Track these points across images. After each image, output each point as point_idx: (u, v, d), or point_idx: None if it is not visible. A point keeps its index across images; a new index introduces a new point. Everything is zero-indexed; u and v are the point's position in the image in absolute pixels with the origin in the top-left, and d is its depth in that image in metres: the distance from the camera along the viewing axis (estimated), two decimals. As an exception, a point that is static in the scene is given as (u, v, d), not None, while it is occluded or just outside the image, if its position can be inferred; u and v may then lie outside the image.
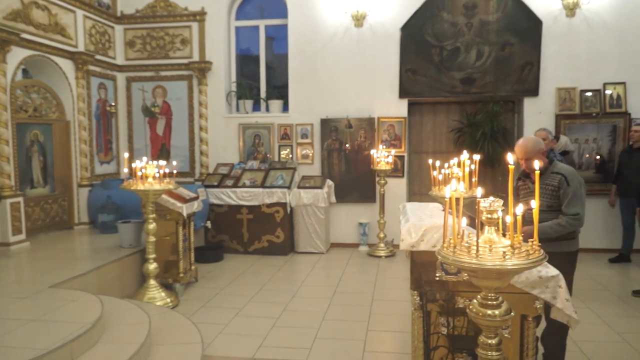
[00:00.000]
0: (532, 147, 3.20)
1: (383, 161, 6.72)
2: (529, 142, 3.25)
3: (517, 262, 1.66)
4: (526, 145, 3.23)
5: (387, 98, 7.14)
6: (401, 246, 2.57)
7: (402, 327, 4.19)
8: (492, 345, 1.79)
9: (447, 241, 1.81)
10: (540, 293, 2.42)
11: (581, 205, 3.14)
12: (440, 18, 6.89)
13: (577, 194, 3.13)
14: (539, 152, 3.17)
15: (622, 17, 6.58)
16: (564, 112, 6.78)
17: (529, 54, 6.77)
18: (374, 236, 7.09)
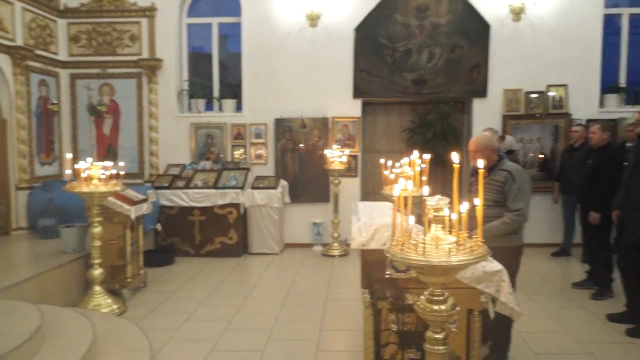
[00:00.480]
0: (482, 142, 3.38)
1: (337, 161, 6.74)
2: (481, 137, 3.49)
3: (462, 257, 1.69)
4: (477, 140, 3.44)
5: (341, 98, 7.17)
6: (352, 245, 2.58)
7: (354, 325, 4.20)
8: (439, 340, 1.81)
9: (396, 239, 1.82)
10: (485, 287, 2.48)
11: (525, 201, 3.27)
12: (393, 20, 6.98)
13: (521, 191, 3.25)
14: (487, 147, 3.33)
15: (564, 22, 6.88)
16: (510, 113, 7.02)
17: (478, 56, 6.98)
18: (328, 236, 7.10)
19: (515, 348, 3.77)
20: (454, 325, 2.54)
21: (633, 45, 7.32)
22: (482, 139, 3.45)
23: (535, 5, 6.80)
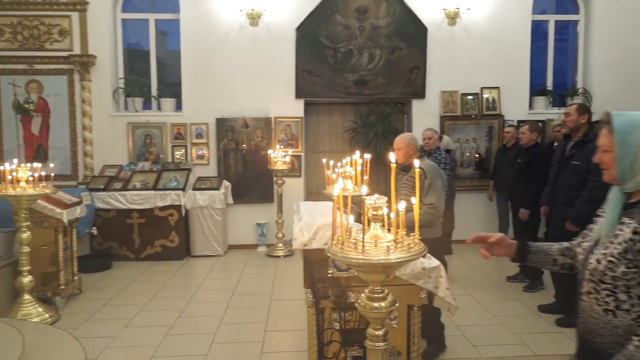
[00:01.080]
0: (404, 140, 3.64)
1: (280, 161, 6.72)
2: (404, 136, 3.75)
3: (400, 255, 1.72)
4: (401, 137, 3.70)
5: (284, 98, 7.16)
6: (294, 245, 2.58)
7: (299, 325, 4.20)
8: (379, 336, 1.84)
9: (336, 238, 1.83)
10: (424, 283, 2.56)
11: (437, 196, 3.51)
12: (334, 20, 7.05)
13: (432, 186, 3.49)
14: (409, 146, 3.59)
15: (496, 27, 7.21)
16: (447, 114, 7.27)
17: (416, 58, 7.17)
18: (272, 236, 7.07)
19: (454, 341, 3.92)
20: (394, 321, 2.60)
21: (558, 50, 7.80)
22: (406, 138, 3.70)
23: (469, 10, 7.08)
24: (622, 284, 1.45)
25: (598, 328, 1.51)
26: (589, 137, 4.15)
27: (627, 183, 1.52)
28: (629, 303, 1.45)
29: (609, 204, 1.58)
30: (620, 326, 1.46)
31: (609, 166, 1.54)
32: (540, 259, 1.81)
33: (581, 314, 1.59)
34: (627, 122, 1.51)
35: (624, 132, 1.50)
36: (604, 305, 1.49)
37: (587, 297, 1.55)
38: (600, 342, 1.52)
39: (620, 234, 1.48)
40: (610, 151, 1.52)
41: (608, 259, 1.47)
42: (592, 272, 1.51)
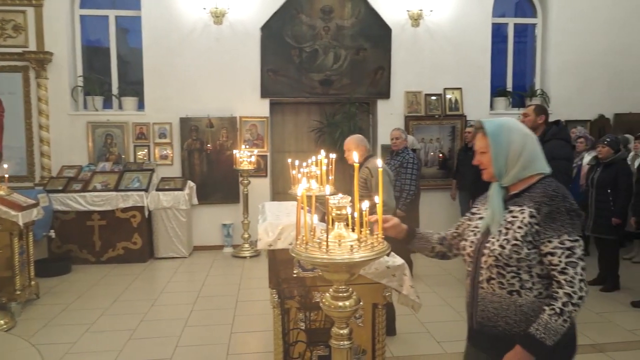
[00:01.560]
0: (356, 141, 3.87)
1: (246, 161, 6.67)
2: (355, 137, 3.97)
3: (364, 254, 1.73)
4: (352, 139, 3.94)
5: (249, 97, 7.10)
6: (258, 245, 2.57)
7: (265, 326, 4.18)
8: (344, 335, 1.85)
9: (300, 238, 1.83)
10: (389, 282, 2.59)
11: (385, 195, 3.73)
12: (299, 20, 7.04)
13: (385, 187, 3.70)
14: (358, 146, 3.81)
15: (458, 29, 7.36)
16: (411, 114, 7.38)
17: (381, 59, 7.24)
18: (238, 237, 7.01)
19: (418, 337, 3.99)
20: (359, 320, 2.62)
21: (518, 52, 8.03)
22: (356, 139, 3.91)
23: (432, 12, 7.20)
24: (525, 264, 1.63)
25: (502, 311, 1.67)
26: (546, 136, 4.29)
27: (504, 178, 1.74)
28: (531, 282, 1.64)
29: (491, 199, 1.77)
30: (524, 304, 1.64)
31: (487, 166, 1.76)
32: (421, 244, 2.01)
33: (479, 302, 1.74)
34: (496, 125, 1.74)
35: (495, 134, 1.72)
36: (509, 287, 1.65)
37: (487, 284, 1.70)
38: (504, 324, 1.67)
39: (516, 219, 1.65)
40: (487, 152, 1.74)
41: (512, 242, 1.63)
42: (498, 257, 1.65)
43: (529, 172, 1.72)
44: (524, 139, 1.73)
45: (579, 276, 1.58)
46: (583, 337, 4.01)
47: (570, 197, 1.66)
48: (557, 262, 1.59)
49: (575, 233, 1.62)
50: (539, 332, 1.57)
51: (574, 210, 1.63)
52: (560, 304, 1.57)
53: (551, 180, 1.72)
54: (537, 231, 1.62)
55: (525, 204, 1.66)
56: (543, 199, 1.64)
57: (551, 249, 1.60)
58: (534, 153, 1.73)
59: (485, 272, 1.71)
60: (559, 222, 1.61)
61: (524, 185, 1.73)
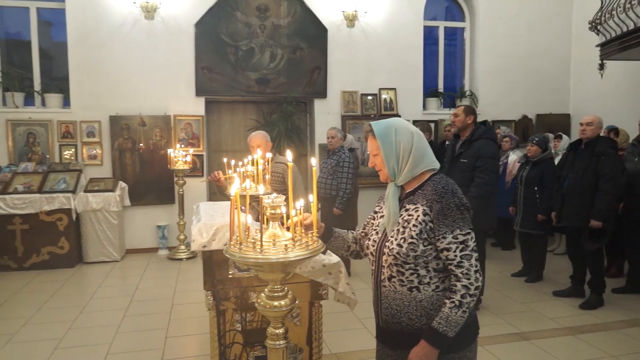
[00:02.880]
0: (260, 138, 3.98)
1: (181, 161, 6.50)
2: (260, 134, 4.07)
3: (299, 253, 1.73)
4: (257, 135, 4.04)
5: (183, 95, 6.92)
6: (192, 247, 2.51)
7: (202, 329, 4.10)
8: (279, 335, 1.84)
9: (234, 239, 1.81)
10: (325, 280, 2.61)
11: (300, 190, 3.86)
12: (234, 18, 6.94)
13: (296, 181, 3.86)
14: (262, 143, 3.90)
15: (391, 31, 7.55)
16: (348, 113, 7.48)
17: (318, 58, 7.29)
18: (174, 239, 6.83)
19: (356, 334, 4.06)
20: (296, 319, 2.62)
21: (448, 54, 8.35)
22: (263, 135, 4.04)
23: (366, 13, 7.34)
24: (422, 260, 1.69)
25: (404, 307, 1.73)
26: (475, 136, 4.48)
27: (398, 178, 1.78)
28: (428, 277, 1.70)
29: (387, 199, 1.81)
30: (424, 299, 1.70)
31: (381, 167, 1.81)
32: (338, 244, 2.02)
33: (383, 301, 1.79)
34: (384, 127, 1.78)
35: (384, 135, 1.76)
36: (409, 284, 1.71)
37: (388, 282, 1.76)
38: (407, 320, 1.73)
39: (412, 218, 1.71)
40: (379, 154, 1.78)
41: (409, 241, 1.68)
42: (397, 256, 1.71)
43: (419, 170, 1.76)
44: (412, 137, 1.77)
45: (474, 267, 1.66)
46: (509, 326, 4.25)
47: (459, 192, 1.72)
48: (452, 257, 1.66)
49: (466, 227, 1.68)
50: (441, 325, 1.63)
51: (463, 205, 1.69)
52: (459, 296, 1.63)
53: (440, 177, 1.78)
54: (432, 228, 1.67)
55: (419, 202, 1.71)
56: (434, 196, 1.69)
57: (446, 244, 1.66)
58: (422, 150, 1.77)
59: (386, 271, 1.76)
60: (450, 218, 1.66)
61: (417, 183, 1.78)
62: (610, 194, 4.48)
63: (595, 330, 4.14)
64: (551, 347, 3.83)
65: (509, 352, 3.74)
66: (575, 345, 3.89)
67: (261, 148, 3.73)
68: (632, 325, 4.23)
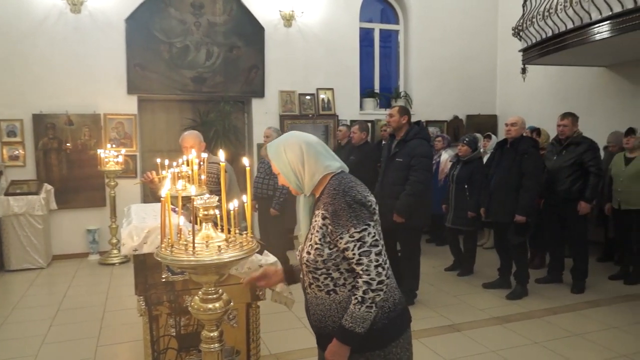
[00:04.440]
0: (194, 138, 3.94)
1: (112, 161, 6.23)
2: (193, 134, 4.01)
3: (233, 254, 1.72)
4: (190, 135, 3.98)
5: (114, 93, 6.63)
6: (122, 250, 2.41)
7: (136, 335, 3.95)
8: (214, 338, 1.82)
9: (165, 241, 1.76)
10: (262, 280, 2.58)
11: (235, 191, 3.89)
12: (168, 14, 6.74)
13: (232, 181, 3.90)
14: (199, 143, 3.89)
15: (328, 32, 7.62)
16: (286, 113, 7.47)
17: (255, 57, 7.23)
18: (105, 243, 6.53)
19: (295, 333, 4.07)
20: (233, 320, 2.59)
21: (384, 56, 8.55)
22: (196, 135, 3.97)
23: (303, 13, 7.37)
24: (332, 264, 1.71)
25: (327, 311, 1.76)
26: (409, 136, 4.61)
27: (305, 189, 1.81)
28: (342, 278, 1.72)
29: (298, 209, 1.86)
30: (342, 300, 1.72)
31: (286, 183, 1.84)
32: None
33: (310, 307, 1.83)
34: (274, 148, 1.83)
35: (276, 156, 1.81)
36: (325, 288, 1.75)
37: (310, 289, 1.80)
38: (331, 324, 1.75)
39: (316, 224, 1.75)
40: (279, 173, 1.83)
41: (315, 247, 1.72)
42: (307, 264, 1.75)
43: (317, 177, 1.78)
44: (300, 150, 1.79)
45: (374, 262, 1.65)
46: (442, 319, 4.41)
47: (352, 191, 1.71)
48: (352, 255, 1.66)
49: (361, 224, 1.66)
50: (347, 321, 1.66)
51: (355, 202, 1.68)
52: (361, 292, 1.65)
53: (335, 178, 1.77)
54: (331, 231, 1.69)
55: (320, 207, 1.74)
56: (327, 199, 1.72)
57: (344, 244, 1.67)
58: (315, 158, 1.78)
59: (306, 278, 1.80)
60: (344, 218, 1.66)
61: (321, 188, 1.80)
62: (533, 191, 4.77)
63: (520, 319, 4.39)
64: (480, 336, 4.02)
65: (442, 343, 3.88)
66: (502, 333, 4.11)
67: (195, 148, 3.66)
68: (554, 313, 4.52)
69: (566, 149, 5.05)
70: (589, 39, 4.98)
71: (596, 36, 4.88)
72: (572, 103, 6.77)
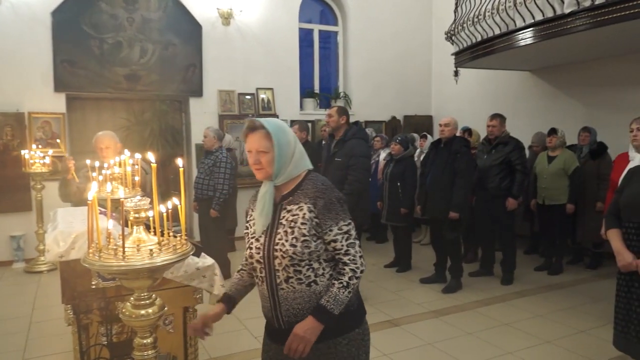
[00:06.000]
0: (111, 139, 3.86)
1: (38, 163, 5.88)
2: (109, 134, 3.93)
3: (166, 257, 1.68)
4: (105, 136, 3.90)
5: (40, 91, 6.25)
6: (47, 257, 2.29)
7: (65, 346, 3.75)
8: (147, 345, 1.77)
9: (93, 246, 1.69)
10: (199, 283, 2.54)
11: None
12: (98, 8, 6.44)
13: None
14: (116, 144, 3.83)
15: (268, 31, 7.58)
16: (225, 113, 7.35)
17: (192, 56, 7.05)
18: (32, 250, 6.15)
19: (236, 335, 4.02)
20: (169, 326, 2.52)
21: (324, 57, 8.62)
22: (109, 136, 3.85)
23: (242, 12, 7.28)
24: (315, 255, 1.75)
25: (305, 304, 1.77)
26: (348, 136, 4.68)
27: (279, 178, 1.80)
28: (321, 268, 1.77)
29: (264, 196, 1.81)
30: (322, 290, 1.76)
31: (266, 165, 1.78)
32: (244, 291, 2.07)
33: (282, 303, 1.80)
34: (278, 126, 1.80)
35: (280, 134, 1.78)
36: (307, 280, 1.76)
37: (286, 284, 1.78)
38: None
39: (298, 217, 1.76)
40: (269, 152, 1.77)
41: (302, 239, 1.74)
42: (293, 256, 1.74)
43: (298, 171, 1.82)
44: (294, 138, 1.84)
45: (359, 253, 1.79)
46: (380, 314, 4.51)
47: (335, 188, 1.84)
48: (340, 247, 1.76)
49: (347, 217, 1.79)
50: (329, 303, 1.72)
51: (342, 198, 1.82)
52: (347, 278, 1.75)
53: (316, 175, 1.86)
54: (318, 223, 1.74)
55: (302, 201, 1.77)
56: (317, 193, 1.77)
57: (333, 236, 1.75)
58: (302, 151, 1.85)
59: (282, 273, 1.77)
60: (334, 212, 1.76)
61: (293, 184, 1.82)
62: (465, 188, 4.98)
63: (455, 312, 4.57)
64: (418, 330, 4.15)
65: (381, 338, 3.96)
66: (438, 326, 4.26)
67: (110, 150, 3.54)
68: (485, 304, 4.74)
69: (495, 148, 5.31)
70: (515, 44, 5.27)
71: (521, 42, 5.16)
72: (500, 104, 7.14)
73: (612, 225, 2.86)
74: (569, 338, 3.95)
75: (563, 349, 3.76)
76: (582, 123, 6.05)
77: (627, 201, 2.78)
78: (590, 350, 3.72)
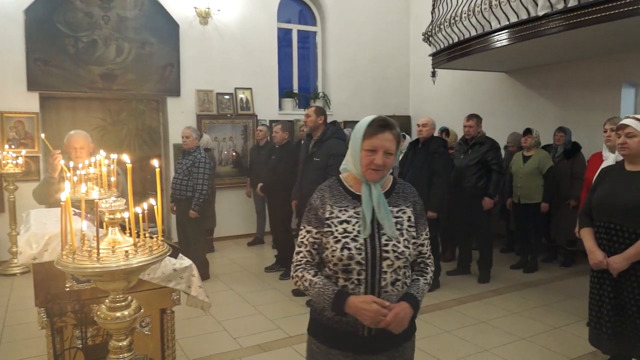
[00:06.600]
0: (84, 138, 3.75)
1: (11, 163, 5.75)
2: (82, 134, 3.79)
3: (142, 258, 1.66)
4: (78, 135, 3.77)
5: (12, 89, 6.11)
6: (19, 259, 2.24)
7: (40, 350, 3.67)
8: (123, 348, 1.74)
9: (67, 248, 1.66)
10: (176, 285, 2.52)
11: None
12: (73, 6, 6.32)
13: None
14: (89, 144, 3.74)
15: (246, 30, 7.54)
16: (203, 113, 7.30)
17: (170, 55, 6.98)
18: (4, 252, 6.01)
19: (215, 337, 4.00)
20: (146, 328, 2.49)
21: (302, 57, 8.61)
22: (82, 136, 3.74)
23: (220, 11, 7.23)
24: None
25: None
26: (326, 136, 4.69)
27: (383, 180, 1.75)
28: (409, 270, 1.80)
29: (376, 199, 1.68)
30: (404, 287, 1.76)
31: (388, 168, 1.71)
32: None
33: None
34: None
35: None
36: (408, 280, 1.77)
37: (392, 287, 1.69)
38: None
39: (402, 219, 1.75)
40: (393, 154, 1.70)
41: (412, 241, 1.76)
42: (408, 258, 1.73)
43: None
44: None
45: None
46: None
47: None
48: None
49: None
50: (419, 294, 1.74)
51: None
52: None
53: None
54: (415, 227, 1.78)
55: (402, 204, 1.77)
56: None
57: (422, 240, 1.81)
58: None
59: (390, 276, 1.67)
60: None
61: (387, 185, 1.79)
62: (443, 188, 5.03)
63: (433, 310, 4.62)
64: (397, 329, 4.17)
65: (360, 338, 3.98)
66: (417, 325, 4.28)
67: (84, 150, 3.48)
68: (463, 303, 4.80)
69: (472, 148, 5.38)
70: (490, 45, 5.35)
71: (496, 43, 5.25)
72: (477, 105, 7.24)
73: (584, 224, 2.93)
74: (544, 335, 4.03)
75: (538, 345, 3.84)
76: (557, 123, 6.19)
77: (597, 202, 2.86)
78: (564, 346, 3.80)
